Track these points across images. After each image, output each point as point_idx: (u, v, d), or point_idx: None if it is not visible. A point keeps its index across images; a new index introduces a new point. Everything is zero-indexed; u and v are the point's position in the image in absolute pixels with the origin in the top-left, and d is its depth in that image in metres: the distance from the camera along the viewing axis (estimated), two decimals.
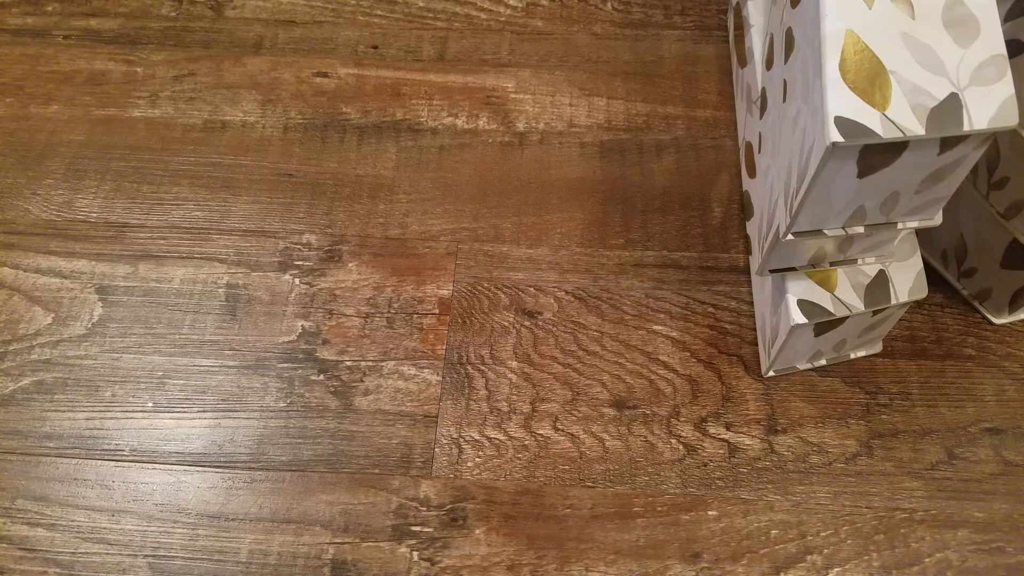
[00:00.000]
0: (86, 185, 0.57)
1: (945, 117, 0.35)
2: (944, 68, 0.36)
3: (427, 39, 0.65)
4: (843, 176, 0.38)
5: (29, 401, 0.49)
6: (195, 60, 0.63)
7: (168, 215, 0.56)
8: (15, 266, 0.54)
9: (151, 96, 0.62)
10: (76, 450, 0.48)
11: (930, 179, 0.39)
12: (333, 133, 0.60)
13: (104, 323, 0.52)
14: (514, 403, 0.49)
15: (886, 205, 0.40)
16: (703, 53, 0.63)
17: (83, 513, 0.46)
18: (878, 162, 0.37)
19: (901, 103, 0.35)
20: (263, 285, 0.53)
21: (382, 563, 0.44)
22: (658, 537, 0.45)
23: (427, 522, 0.45)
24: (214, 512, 0.46)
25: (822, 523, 0.45)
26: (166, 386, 0.50)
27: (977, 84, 0.36)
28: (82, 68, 0.63)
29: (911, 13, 0.37)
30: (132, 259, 0.54)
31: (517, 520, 0.45)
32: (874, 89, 0.36)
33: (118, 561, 0.44)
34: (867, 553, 0.44)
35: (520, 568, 0.44)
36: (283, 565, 0.44)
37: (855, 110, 0.35)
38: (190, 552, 0.45)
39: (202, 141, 0.60)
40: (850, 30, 0.36)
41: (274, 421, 0.48)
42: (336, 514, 0.45)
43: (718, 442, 0.48)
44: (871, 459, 0.47)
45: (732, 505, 0.46)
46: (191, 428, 0.48)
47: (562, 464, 0.47)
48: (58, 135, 0.60)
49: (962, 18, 0.37)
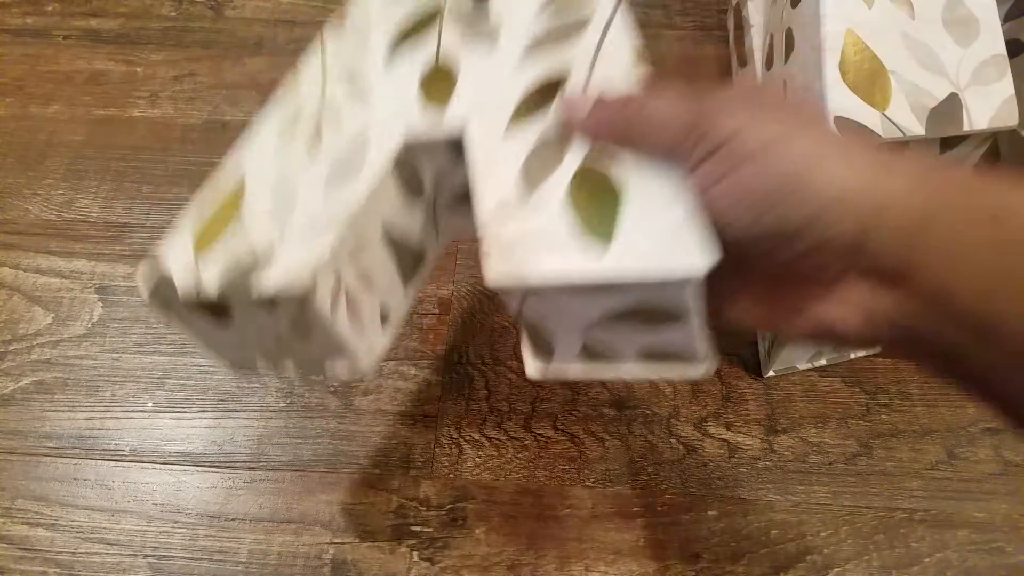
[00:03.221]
0: (86, 185, 0.57)
1: (945, 117, 0.35)
2: (944, 68, 0.36)
3: None
4: None
5: (29, 401, 0.49)
6: (195, 60, 0.63)
7: (168, 215, 0.56)
8: (15, 266, 0.54)
9: (151, 96, 0.62)
10: (76, 450, 0.48)
11: None
12: None
13: (104, 323, 0.52)
14: (514, 403, 0.49)
15: None
16: (703, 53, 0.63)
17: (83, 513, 0.46)
18: None
19: (901, 103, 0.35)
20: None
21: (382, 563, 0.44)
22: (658, 537, 0.45)
23: (427, 522, 0.45)
24: (214, 512, 0.46)
25: (822, 523, 0.45)
26: (166, 386, 0.50)
27: (977, 84, 0.36)
28: (82, 68, 0.63)
29: (911, 13, 0.37)
30: (132, 259, 0.54)
31: (517, 520, 0.45)
32: (874, 89, 0.36)
33: (118, 561, 0.44)
34: (867, 553, 0.44)
35: (520, 568, 0.44)
36: (283, 565, 0.44)
37: (855, 110, 0.35)
38: (190, 552, 0.45)
39: (202, 141, 0.59)
40: (850, 30, 0.36)
41: (274, 421, 0.48)
42: (336, 514, 0.45)
43: (718, 442, 0.48)
44: (871, 459, 0.47)
45: (732, 505, 0.46)
46: (191, 428, 0.48)
47: (562, 464, 0.47)
48: (58, 135, 0.60)
49: (962, 18, 0.37)
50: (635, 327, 0.29)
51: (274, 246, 0.30)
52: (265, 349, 0.34)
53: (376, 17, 0.35)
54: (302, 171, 0.32)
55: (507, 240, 0.29)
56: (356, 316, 0.32)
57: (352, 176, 0.31)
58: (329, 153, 0.32)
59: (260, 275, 0.29)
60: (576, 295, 0.28)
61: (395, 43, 0.34)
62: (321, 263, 0.29)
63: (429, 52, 0.33)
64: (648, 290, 0.27)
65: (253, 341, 0.34)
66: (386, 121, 0.32)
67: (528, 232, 0.28)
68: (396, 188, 0.32)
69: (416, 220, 0.34)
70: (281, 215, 0.31)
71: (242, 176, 0.33)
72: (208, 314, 0.32)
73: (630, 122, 0.28)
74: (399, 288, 0.35)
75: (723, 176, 0.25)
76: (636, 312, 0.28)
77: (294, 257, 0.29)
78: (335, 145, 0.32)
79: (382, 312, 0.34)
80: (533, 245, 0.28)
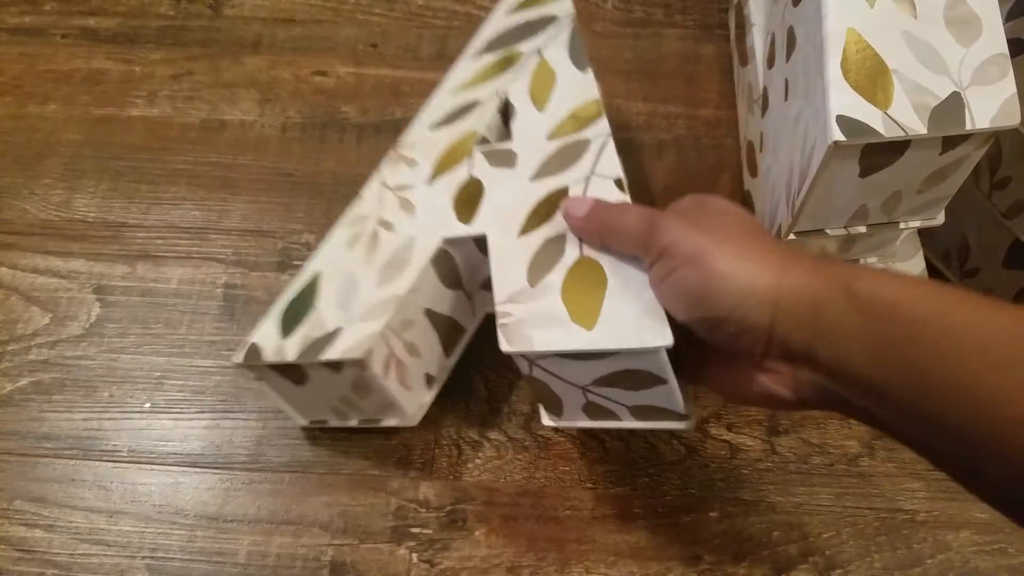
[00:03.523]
0: (84, 185, 0.57)
1: (947, 116, 0.35)
2: (946, 67, 0.36)
3: (427, 38, 0.64)
4: (845, 175, 0.37)
5: (27, 402, 0.49)
6: (193, 59, 0.63)
7: (166, 215, 0.56)
8: (12, 266, 0.54)
9: (149, 95, 0.61)
10: (74, 451, 0.47)
11: (932, 178, 0.39)
12: (332, 132, 0.59)
13: (102, 323, 0.52)
14: (514, 404, 0.49)
15: (888, 205, 0.40)
16: (704, 52, 0.62)
17: (81, 514, 0.45)
18: (880, 161, 0.37)
19: (903, 102, 0.35)
20: (261, 285, 0.53)
21: (381, 565, 0.44)
22: (659, 539, 0.45)
23: (427, 523, 0.45)
24: (212, 513, 0.46)
25: (824, 524, 0.45)
26: (164, 386, 0.49)
27: (979, 83, 0.36)
28: (80, 67, 0.63)
29: (913, 12, 0.37)
30: (130, 259, 0.54)
31: (517, 521, 0.45)
32: (876, 88, 0.35)
33: (116, 562, 0.44)
34: (869, 555, 0.44)
35: (520, 570, 0.44)
36: (282, 567, 0.44)
37: (857, 109, 0.35)
38: (188, 553, 0.44)
39: (200, 140, 0.59)
40: (852, 29, 0.36)
41: (272, 422, 0.48)
42: (335, 515, 0.45)
43: (719, 443, 0.48)
44: (873, 460, 0.47)
45: (733, 506, 0.46)
46: (189, 429, 0.48)
47: (562, 465, 0.47)
48: (56, 134, 0.60)
49: (964, 17, 0.37)
50: (625, 388, 0.37)
51: (341, 326, 0.40)
52: (333, 405, 0.44)
53: (422, 148, 0.46)
54: (362, 268, 0.42)
55: (517, 319, 0.37)
56: (405, 378, 0.42)
57: (400, 271, 0.41)
58: (383, 254, 0.42)
59: (329, 346, 0.39)
60: (568, 361, 0.37)
61: (436, 168, 0.45)
62: (375, 336, 0.39)
63: (463, 175, 0.44)
64: (623, 357, 0.35)
65: (323, 399, 0.44)
66: (428, 228, 0.42)
67: (534, 314, 0.37)
68: (436, 279, 0.42)
69: (454, 303, 0.44)
70: (345, 302, 0.41)
71: (318, 273, 0.43)
72: (288, 377, 0.43)
73: (604, 229, 0.37)
74: (442, 355, 0.44)
75: (665, 276, 0.33)
76: (622, 375, 0.36)
77: (355, 333, 0.39)
78: (387, 248, 0.42)
79: (428, 375, 0.44)
80: (537, 323, 0.37)
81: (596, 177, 0.41)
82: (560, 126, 0.44)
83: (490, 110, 0.46)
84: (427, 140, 0.47)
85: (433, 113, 0.48)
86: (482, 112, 0.46)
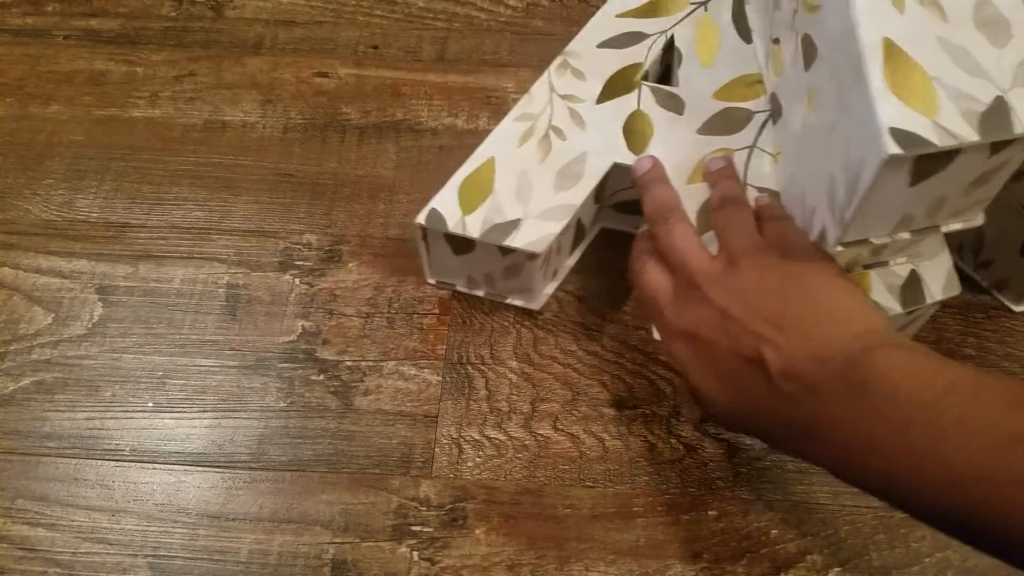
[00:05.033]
0: (86, 185, 0.57)
1: (995, 121, 0.34)
2: (984, 70, 0.35)
3: (427, 39, 0.65)
4: (896, 186, 0.36)
5: (29, 401, 0.49)
6: (195, 60, 0.63)
7: (168, 215, 0.56)
8: (15, 266, 0.54)
9: (151, 96, 0.62)
10: (76, 450, 0.48)
11: (977, 182, 0.38)
12: (333, 133, 0.60)
13: (104, 323, 0.52)
14: (514, 403, 0.49)
15: (932, 209, 0.39)
16: None
17: (83, 513, 0.46)
18: (930, 169, 0.36)
19: (950, 109, 0.34)
20: (263, 285, 0.53)
21: (382, 563, 0.44)
22: (658, 537, 0.45)
23: (427, 522, 0.45)
24: (214, 512, 0.46)
25: (822, 523, 0.45)
26: (166, 386, 0.50)
27: (1020, 85, 0.35)
28: (82, 68, 0.63)
29: (942, 16, 0.36)
30: (132, 259, 0.54)
31: (517, 520, 0.45)
32: (919, 97, 0.34)
33: (118, 561, 0.44)
34: (867, 553, 0.44)
35: (520, 568, 0.44)
36: (283, 565, 0.44)
37: (906, 120, 0.34)
38: (190, 552, 0.45)
39: (202, 141, 0.60)
40: (886, 38, 0.35)
41: (274, 421, 0.48)
42: (336, 514, 0.46)
43: (718, 442, 0.48)
44: None
45: (732, 505, 0.46)
46: (191, 428, 0.48)
47: (562, 464, 0.47)
48: (58, 135, 0.60)
49: (992, 18, 0.36)
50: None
51: (520, 217, 0.45)
52: (471, 275, 0.50)
53: (589, 63, 0.51)
54: (536, 167, 0.47)
55: None
56: (547, 271, 0.49)
57: (574, 182, 0.46)
58: (557, 161, 0.47)
59: (511, 235, 0.44)
60: None
61: (604, 89, 0.50)
62: (552, 237, 0.44)
63: (631, 104, 0.49)
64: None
65: (469, 269, 0.49)
66: (599, 148, 0.48)
67: None
68: (593, 195, 0.47)
69: (592, 214, 0.51)
70: (523, 196, 0.46)
71: (491, 157, 0.47)
72: (452, 245, 0.47)
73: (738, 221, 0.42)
74: (567, 256, 0.51)
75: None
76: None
77: (534, 228, 0.45)
78: (560, 156, 0.47)
79: (556, 270, 0.51)
80: None
81: (757, 150, 0.45)
82: (724, 88, 0.49)
83: (656, 47, 0.51)
84: (594, 56, 0.51)
85: (598, 31, 0.52)
86: (647, 47, 0.51)
